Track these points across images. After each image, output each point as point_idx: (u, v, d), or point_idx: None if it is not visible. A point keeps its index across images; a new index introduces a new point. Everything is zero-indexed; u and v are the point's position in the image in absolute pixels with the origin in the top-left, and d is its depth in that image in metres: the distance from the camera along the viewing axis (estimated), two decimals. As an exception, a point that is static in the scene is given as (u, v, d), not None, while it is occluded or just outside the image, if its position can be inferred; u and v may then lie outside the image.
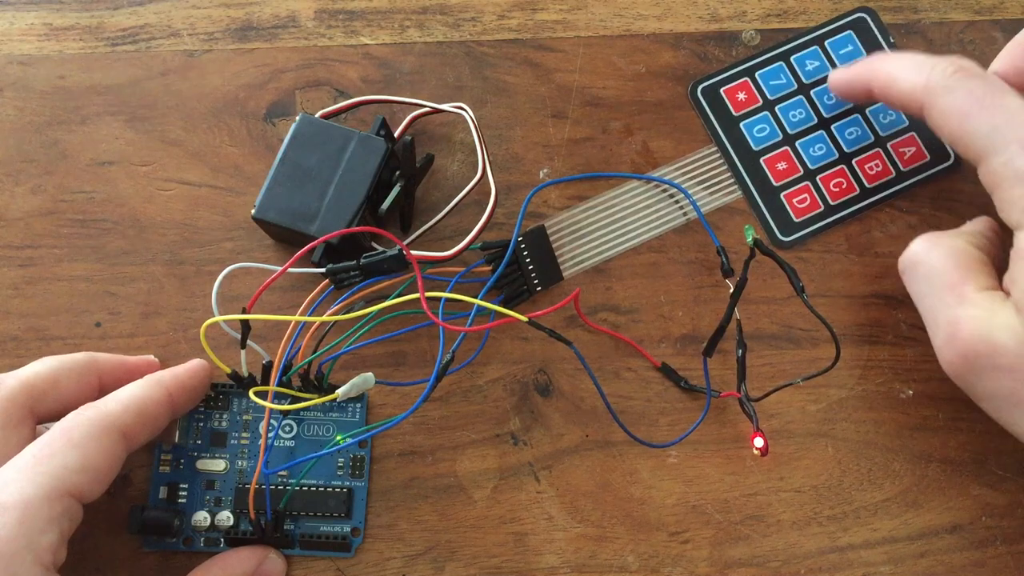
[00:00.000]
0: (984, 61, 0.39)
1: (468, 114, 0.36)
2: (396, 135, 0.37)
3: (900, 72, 0.33)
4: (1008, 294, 0.30)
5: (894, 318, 0.37)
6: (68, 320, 0.37)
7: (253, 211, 0.35)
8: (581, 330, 0.37)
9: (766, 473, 0.35)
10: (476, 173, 0.36)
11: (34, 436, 0.30)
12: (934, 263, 0.32)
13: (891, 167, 0.38)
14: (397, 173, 0.35)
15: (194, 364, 0.34)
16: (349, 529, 0.34)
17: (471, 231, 0.37)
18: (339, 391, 0.31)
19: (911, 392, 0.36)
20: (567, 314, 0.37)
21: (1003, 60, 0.34)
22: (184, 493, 0.34)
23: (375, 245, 0.36)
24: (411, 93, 0.39)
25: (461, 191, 0.38)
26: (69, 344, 0.36)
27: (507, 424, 0.36)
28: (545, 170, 0.38)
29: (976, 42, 0.40)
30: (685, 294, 0.37)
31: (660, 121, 0.39)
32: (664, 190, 0.38)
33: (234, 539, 0.34)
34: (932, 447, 0.36)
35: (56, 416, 0.31)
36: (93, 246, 0.37)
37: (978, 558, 0.34)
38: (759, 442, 0.32)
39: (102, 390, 0.32)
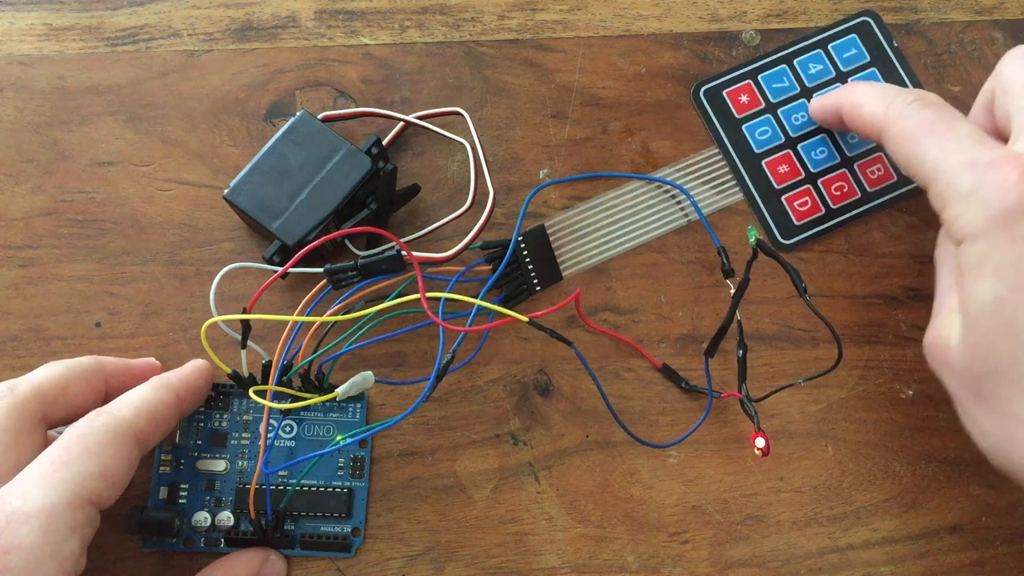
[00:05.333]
0: (984, 62, 0.39)
1: (467, 118, 0.36)
2: (386, 141, 0.37)
3: (866, 100, 0.34)
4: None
5: (894, 318, 0.37)
6: (68, 320, 0.37)
7: (225, 191, 0.35)
8: (581, 330, 0.37)
9: (766, 473, 0.35)
10: (476, 174, 0.36)
11: (46, 441, 0.30)
12: (938, 265, 0.34)
13: (893, 171, 0.38)
14: (372, 196, 0.36)
15: (198, 365, 0.34)
16: (349, 529, 0.34)
17: (470, 230, 0.37)
18: (339, 390, 0.31)
19: (911, 392, 0.36)
20: (567, 314, 0.37)
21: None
22: (184, 493, 0.34)
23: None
24: (411, 93, 0.39)
25: (461, 191, 0.38)
26: (69, 344, 0.36)
27: (507, 424, 0.36)
28: (545, 170, 0.38)
29: (976, 42, 0.40)
30: (685, 294, 0.37)
31: (660, 121, 0.39)
32: (665, 191, 0.38)
33: (234, 539, 0.34)
34: (932, 447, 0.36)
35: (65, 421, 0.31)
36: (93, 246, 0.37)
37: (978, 558, 0.34)
38: (760, 442, 0.32)
39: (107, 394, 0.32)
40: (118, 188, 0.38)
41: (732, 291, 0.33)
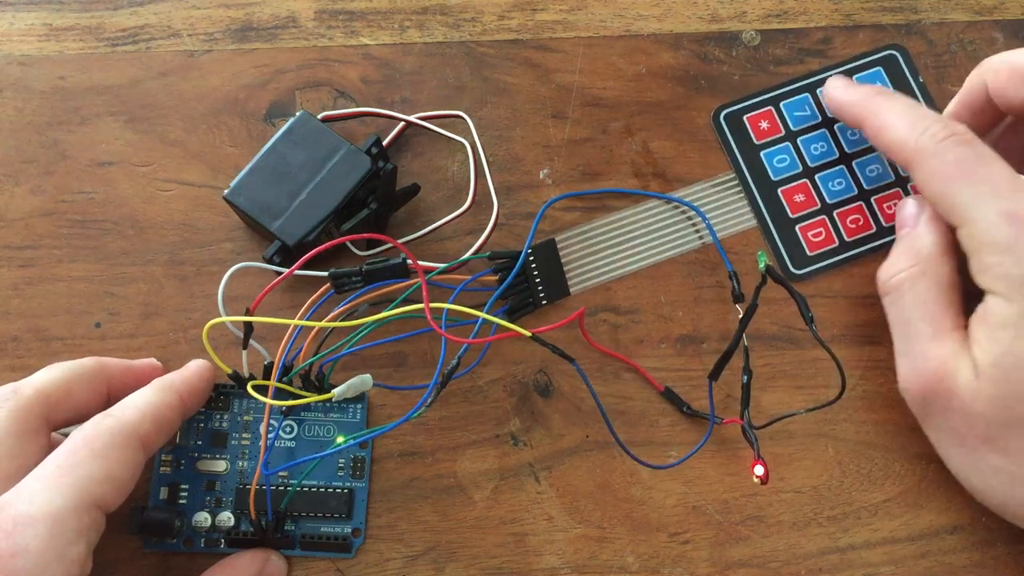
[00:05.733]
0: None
1: (469, 124, 0.36)
2: (387, 142, 0.37)
3: (894, 122, 0.33)
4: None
5: (894, 318, 0.37)
6: (68, 320, 0.37)
7: (225, 191, 0.35)
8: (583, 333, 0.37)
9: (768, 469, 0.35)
10: (477, 174, 0.36)
11: (50, 444, 0.30)
12: (919, 294, 0.32)
13: None
14: (372, 196, 0.36)
15: (200, 366, 0.34)
16: (350, 530, 0.34)
17: (470, 230, 0.37)
18: (335, 391, 0.31)
19: (911, 392, 0.36)
20: (571, 325, 0.36)
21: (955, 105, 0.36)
22: (185, 494, 0.34)
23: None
24: (411, 94, 0.39)
25: (461, 191, 0.38)
26: (69, 344, 0.36)
27: (507, 425, 0.36)
28: (545, 170, 0.38)
29: (976, 42, 0.40)
30: (685, 294, 0.37)
31: (660, 121, 0.39)
32: (680, 212, 0.38)
33: (235, 540, 0.34)
34: (933, 448, 0.35)
35: (68, 423, 0.31)
36: (93, 246, 0.37)
37: (978, 559, 0.34)
38: (759, 470, 0.32)
39: (109, 395, 0.32)
40: (118, 188, 0.38)
41: (740, 316, 0.33)
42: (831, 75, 0.38)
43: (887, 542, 0.35)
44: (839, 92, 0.37)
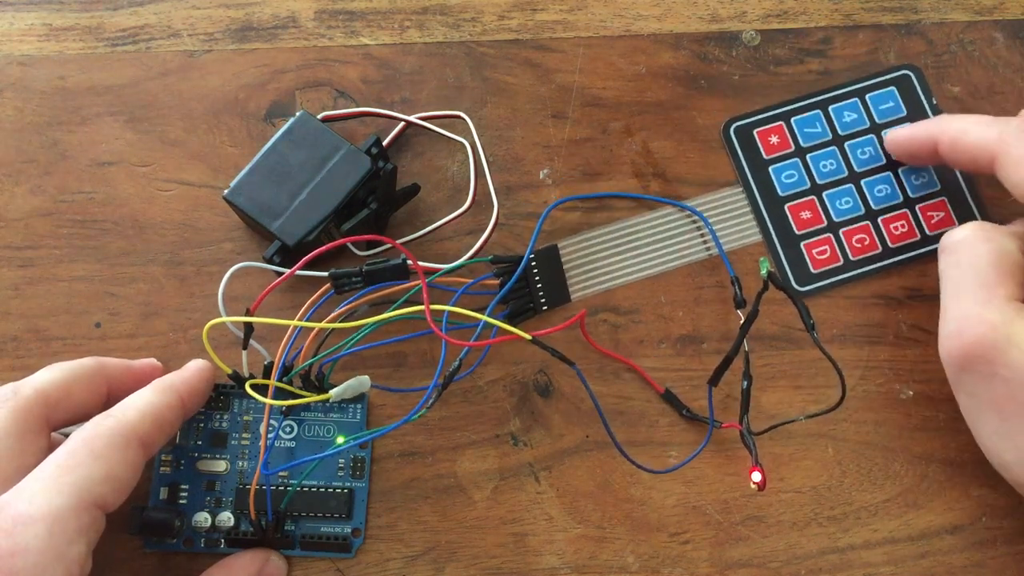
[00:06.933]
0: (984, 62, 0.39)
1: (469, 124, 0.36)
2: (387, 142, 0.37)
3: (971, 126, 0.34)
4: None
5: (894, 318, 0.37)
6: (68, 320, 0.37)
7: (225, 191, 0.35)
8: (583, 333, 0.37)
9: (766, 474, 0.35)
10: (477, 174, 0.36)
11: (50, 444, 0.30)
12: (978, 256, 0.32)
13: (916, 229, 0.38)
14: (372, 196, 0.36)
15: (200, 366, 0.34)
16: (350, 530, 0.34)
17: (470, 230, 0.37)
18: (332, 392, 0.31)
19: (911, 393, 0.36)
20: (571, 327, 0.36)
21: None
22: (185, 494, 0.34)
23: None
24: (411, 94, 0.39)
25: (460, 191, 0.38)
26: (69, 345, 0.36)
27: (507, 425, 0.36)
28: (545, 170, 0.38)
29: (976, 43, 0.40)
30: (685, 294, 0.37)
31: (660, 121, 0.39)
32: (687, 220, 0.38)
33: (235, 540, 0.34)
34: (933, 448, 0.36)
35: (68, 423, 0.31)
36: (93, 246, 0.37)
37: (979, 559, 0.34)
38: (757, 476, 0.31)
39: (109, 395, 0.32)
40: (118, 188, 0.38)
41: (742, 322, 0.33)
42: (847, 100, 0.39)
43: (887, 542, 0.35)
44: (902, 129, 0.37)
